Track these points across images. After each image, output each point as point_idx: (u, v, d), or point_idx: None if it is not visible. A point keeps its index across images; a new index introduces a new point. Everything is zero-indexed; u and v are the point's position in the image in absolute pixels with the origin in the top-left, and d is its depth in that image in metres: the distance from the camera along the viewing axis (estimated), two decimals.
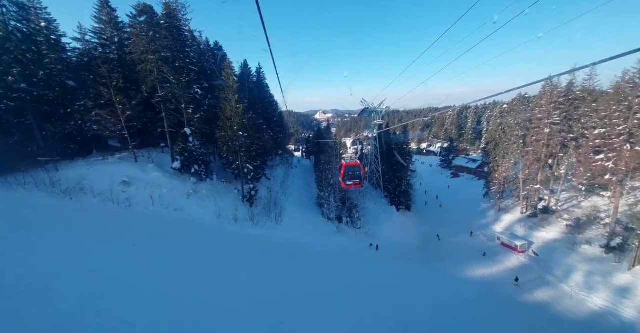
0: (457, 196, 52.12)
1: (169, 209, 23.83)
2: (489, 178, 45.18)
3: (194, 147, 27.24)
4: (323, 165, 41.15)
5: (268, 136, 39.40)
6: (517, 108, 44.91)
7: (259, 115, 37.67)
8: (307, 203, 35.39)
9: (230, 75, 25.78)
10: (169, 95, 27.68)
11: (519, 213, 39.21)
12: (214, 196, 27.41)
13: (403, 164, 45.37)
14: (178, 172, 27.86)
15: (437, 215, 43.45)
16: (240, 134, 26.80)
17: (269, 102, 44.23)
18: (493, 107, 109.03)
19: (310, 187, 42.18)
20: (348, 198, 36.20)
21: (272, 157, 46.03)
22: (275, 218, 28.19)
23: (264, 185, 34.55)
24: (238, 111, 26.41)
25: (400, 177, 45.13)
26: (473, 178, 64.96)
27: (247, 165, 28.35)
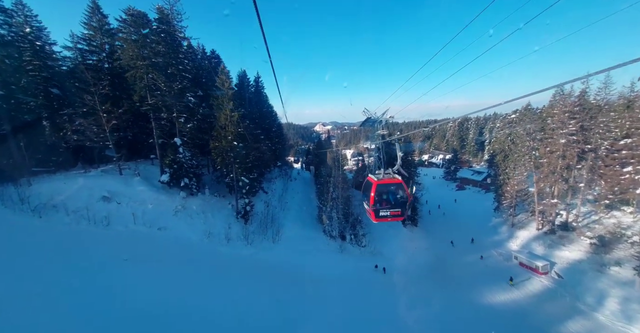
0: (466, 210, 49.44)
1: (153, 228, 21.29)
2: (499, 192, 42.73)
3: (184, 159, 25.03)
4: (324, 177, 38.89)
5: (266, 147, 37.35)
6: (527, 118, 43.13)
7: (256, 125, 35.79)
8: (307, 218, 32.79)
9: (225, 81, 23.99)
10: (159, 103, 25.80)
11: (535, 230, 36.51)
12: (205, 212, 24.92)
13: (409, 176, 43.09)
14: (166, 186, 25.50)
15: (446, 231, 40.64)
16: (234, 143, 24.69)
17: (267, 112, 42.53)
18: (494, 118, 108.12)
19: (310, 201, 39.66)
20: (351, 213, 33.67)
21: (271, 169, 43.80)
22: (272, 236, 25.56)
23: (261, 200, 32.10)
24: (233, 120, 24.42)
25: None
26: (480, 191, 62.43)
27: (242, 178, 26.04)
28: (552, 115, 33.70)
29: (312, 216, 34.16)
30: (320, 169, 44.79)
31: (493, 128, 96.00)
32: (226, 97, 24.06)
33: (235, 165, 25.31)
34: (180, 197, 25.23)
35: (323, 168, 40.90)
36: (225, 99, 24.08)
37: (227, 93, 24.04)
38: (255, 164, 32.15)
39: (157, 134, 26.80)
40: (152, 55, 25.37)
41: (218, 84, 24.36)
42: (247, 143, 26.77)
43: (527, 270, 29.44)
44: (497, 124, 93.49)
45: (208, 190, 28.03)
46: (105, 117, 23.82)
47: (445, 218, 46.52)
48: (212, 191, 28.77)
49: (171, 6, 29.60)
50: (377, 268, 26.27)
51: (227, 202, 27.90)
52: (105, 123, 23.88)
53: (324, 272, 23.43)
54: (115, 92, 28.16)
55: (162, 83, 25.82)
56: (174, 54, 26.48)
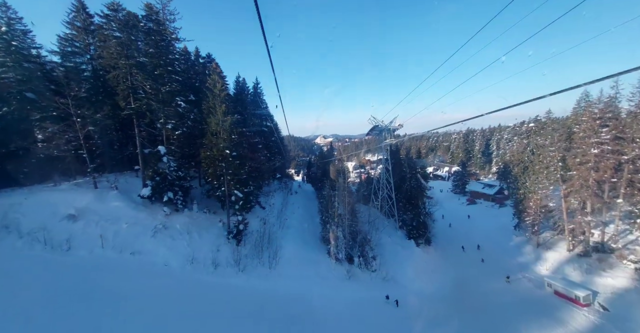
0: (482, 227, 45.39)
1: (124, 253, 17.73)
2: (519, 207, 38.97)
3: (168, 170, 21.80)
4: (327, 190, 35.45)
5: (264, 157, 34.20)
6: (550, 126, 40.03)
7: (254, 134, 32.83)
8: (309, 237, 29.04)
9: (217, 82, 21.17)
10: (143, 107, 22.93)
11: (566, 251, 32.46)
12: (190, 232, 21.38)
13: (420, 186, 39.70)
14: (147, 201, 22.15)
15: (463, 251, 36.60)
16: (227, 152, 21.51)
17: (266, 120, 39.75)
18: (500, 129, 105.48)
19: (312, 217, 35.96)
20: (359, 231, 29.94)
21: (269, 181, 40.46)
22: (268, 260, 21.82)
23: (257, 216, 28.53)
24: (225, 125, 21.38)
25: (416, 205, 39.12)
26: (493, 205, 58.49)
27: (235, 192, 22.66)
28: (579, 122, 30.58)
29: (315, 234, 30.40)
30: (323, 182, 41.44)
31: (500, 139, 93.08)
32: (218, 100, 21.15)
33: (227, 177, 22.02)
34: (163, 213, 21.80)
35: (326, 180, 37.52)
36: (217, 101, 21.16)
37: (219, 95, 21.16)
38: (251, 176, 28.85)
39: (140, 142, 23.79)
40: (137, 55, 22.77)
41: (209, 85, 21.52)
42: (241, 152, 23.64)
43: (565, 300, 25.30)
44: (505, 135, 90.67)
45: (196, 205, 24.60)
46: (80, 122, 20.86)
47: (460, 235, 42.43)
48: (201, 207, 25.33)
49: (163, 6, 27.46)
50: (389, 299, 22.26)
51: (217, 219, 24.38)
52: (79, 129, 20.88)
53: (328, 305, 19.52)
54: (97, 96, 25.47)
55: (148, 85, 23.07)
56: (162, 55, 23.90)
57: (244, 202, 23.22)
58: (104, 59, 23.07)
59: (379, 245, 29.46)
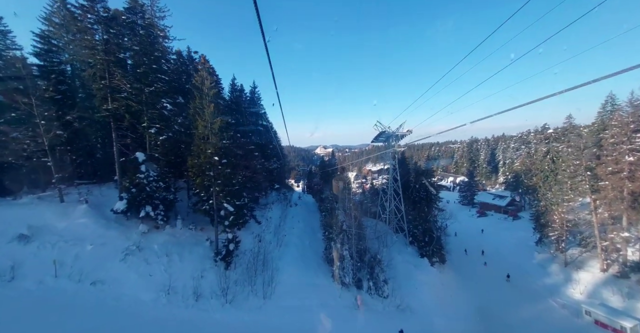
0: (498, 242, 41.76)
1: (84, 282, 14.37)
2: (541, 221, 35.57)
3: (147, 180, 18.71)
4: (330, 202, 32.27)
5: (261, 166, 31.19)
6: (572, 131, 37.08)
7: (250, 140, 29.95)
8: (311, 257, 25.54)
9: (205, 78, 18.42)
10: (121, 108, 20.11)
11: (599, 271, 28.87)
12: (171, 254, 18.04)
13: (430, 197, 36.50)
14: (123, 217, 18.95)
15: (482, 271, 32.92)
16: (215, 159, 18.49)
17: (264, 126, 37.01)
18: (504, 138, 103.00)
19: (314, 232, 32.51)
20: (367, 249, 26.50)
21: (266, 192, 37.27)
22: (262, 288, 18.34)
23: (252, 232, 25.20)
24: (214, 128, 18.47)
25: (426, 218, 35.78)
26: (506, 217, 54.96)
27: (225, 205, 19.46)
28: (607, 127, 27.77)
29: (317, 253, 26.90)
30: (325, 193, 38.30)
31: (507, 148, 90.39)
32: (206, 99, 18.32)
33: (216, 188, 18.89)
34: (139, 231, 18.53)
35: (329, 191, 34.35)
36: (205, 101, 18.33)
37: (208, 93, 18.34)
38: (246, 187, 25.76)
39: (117, 148, 20.84)
40: (116, 49, 20.19)
41: (196, 82, 18.76)
42: (233, 159, 20.64)
43: (609, 331, 21.66)
44: (511, 144, 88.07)
45: (181, 221, 21.34)
46: (44, 125, 17.96)
47: (476, 251, 38.76)
48: (187, 222, 22.07)
49: (152, 1, 25.28)
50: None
51: (205, 237, 21.05)
52: (43, 133, 17.96)
53: None
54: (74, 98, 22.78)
55: (129, 84, 20.34)
56: (147, 51, 21.32)
57: (235, 217, 19.98)
58: (80, 54, 20.49)
59: (390, 266, 25.93)
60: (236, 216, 20.12)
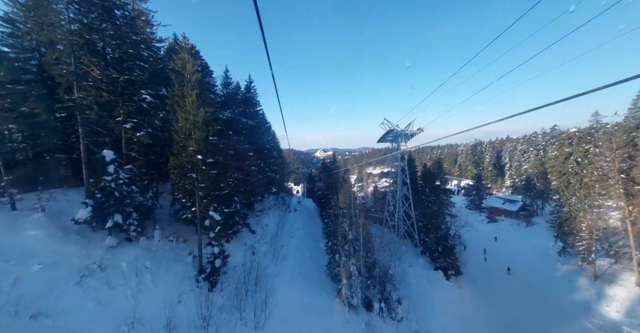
0: (514, 251, 38.48)
1: (22, 316, 11.11)
2: (564, 228, 32.42)
3: (115, 183, 15.56)
4: (333, 207, 29.14)
5: (257, 167, 28.05)
6: (598, 130, 33.97)
7: (245, 139, 26.86)
8: (313, 272, 22.30)
9: (187, 61, 15.40)
10: (88, 99, 17.05)
11: (634, 286, 25.67)
12: (142, 273, 14.81)
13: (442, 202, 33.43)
14: (88, 227, 15.75)
15: (501, 283, 29.63)
16: (198, 158, 15.39)
17: (260, 123, 33.94)
18: (511, 140, 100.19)
19: (316, 241, 29.30)
20: (377, 262, 23.29)
21: (263, 197, 34.10)
22: (254, 314, 15.06)
23: (244, 243, 22.01)
24: (197, 121, 15.39)
25: (437, 225, 32.69)
26: (518, 223, 51.72)
27: (211, 213, 16.30)
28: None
29: (319, 266, 23.65)
30: (327, 197, 35.10)
31: (513, 151, 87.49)
32: (187, 86, 15.27)
33: (200, 192, 15.74)
34: (105, 245, 15.31)
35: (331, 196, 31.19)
36: (187, 88, 15.28)
37: (190, 79, 15.29)
38: (238, 191, 22.63)
39: (85, 146, 17.72)
40: (84, 29, 17.20)
41: (176, 66, 15.74)
42: (221, 158, 17.55)
43: None
44: (519, 146, 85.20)
45: (160, 231, 18.12)
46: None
47: (492, 262, 35.49)
48: (167, 233, 18.86)
49: None
50: None
51: (188, 250, 17.84)
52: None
53: None
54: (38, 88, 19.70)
55: (98, 71, 17.32)
56: (123, 34, 18.36)
57: (222, 226, 16.80)
58: (40, 35, 17.49)
59: (404, 283, 22.69)
60: (224, 226, 16.94)
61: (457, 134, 8.83)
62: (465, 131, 7.87)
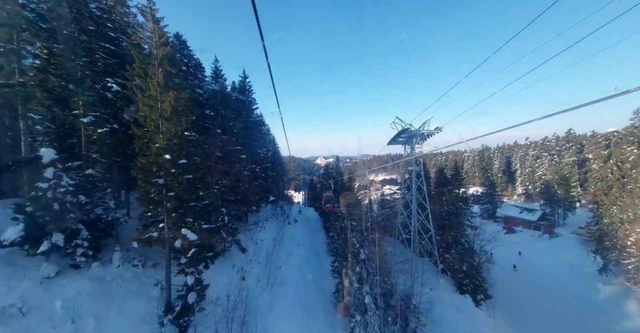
0: (542, 267, 34.10)
1: None
2: (605, 243, 28.21)
3: (55, 192, 11.71)
4: (339, 219, 25.22)
5: (250, 172, 24.19)
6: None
7: (237, 140, 23.12)
8: (316, 301, 18.09)
9: (153, 31, 11.80)
10: (31, 85, 13.44)
11: None
12: (83, 316, 10.76)
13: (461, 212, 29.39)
14: (20, 251, 11.83)
15: (539, 309, 25.21)
16: (166, 158, 11.58)
17: (255, 124, 30.30)
18: (521, 146, 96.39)
19: (319, 259, 25.16)
20: (394, 288, 19.08)
21: (258, 207, 30.16)
22: None
23: (232, 265, 17.96)
24: (164, 109, 11.67)
25: (456, 239, 28.63)
26: (540, 235, 47.26)
27: (184, 231, 12.34)
28: None
29: (325, 293, 19.44)
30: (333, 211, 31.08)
31: (525, 156, 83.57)
32: (153, 63, 11.61)
33: (167, 203, 11.85)
34: (39, 276, 11.35)
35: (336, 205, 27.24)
36: (152, 67, 11.63)
37: (156, 55, 11.65)
38: (227, 200, 18.77)
39: (27, 145, 14.00)
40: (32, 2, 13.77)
41: (136, 39, 12.12)
42: (198, 159, 13.75)
43: None
44: (531, 151, 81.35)
45: (120, 254, 14.13)
46: None
47: (520, 279, 31.07)
48: (132, 255, 14.87)
49: None
50: None
51: (156, 279, 13.79)
52: None
53: None
54: None
55: (46, 50, 13.79)
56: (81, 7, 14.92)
57: (199, 249, 12.83)
58: None
59: (429, 313, 18.42)
60: (201, 247, 12.96)
61: (483, 136, 5.79)
62: (493, 133, 5.42)
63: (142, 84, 11.58)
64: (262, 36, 3.23)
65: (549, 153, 70.61)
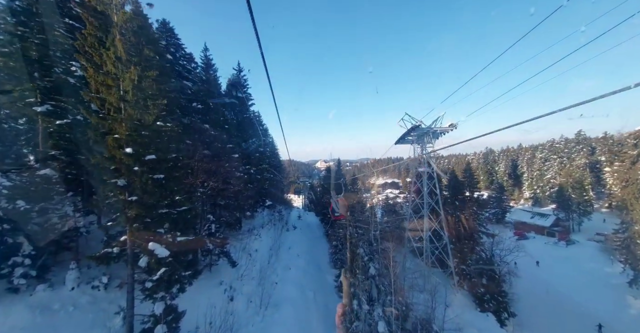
0: (563, 278, 31.30)
1: None
2: (636, 252, 25.50)
3: None
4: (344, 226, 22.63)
5: (245, 174, 21.57)
6: None
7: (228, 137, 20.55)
8: (320, 325, 15.31)
9: None
10: None
11: None
12: None
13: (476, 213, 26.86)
14: None
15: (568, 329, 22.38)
16: (127, 152, 8.98)
17: (250, 121, 27.73)
18: (526, 149, 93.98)
19: (321, 272, 22.40)
20: (409, 308, 16.32)
21: (254, 212, 27.48)
22: None
23: (219, 283, 15.26)
24: (125, 89, 9.10)
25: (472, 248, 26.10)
26: (556, 242, 44.43)
27: (151, 246, 9.66)
28: None
29: (329, 314, 16.68)
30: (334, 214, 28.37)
31: (532, 159, 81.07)
32: (113, 31, 9.09)
33: (128, 211, 9.21)
34: None
35: None
36: (110, 35, 9.09)
37: (117, 21, 9.13)
38: (214, 205, 16.19)
39: None
40: None
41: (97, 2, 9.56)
42: (173, 156, 11.16)
43: None
44: (538, 154, 78.89)
45: (77, 273, 11.45)
46: None
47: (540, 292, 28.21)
48: (94, 273, 12.18)
49: None
50: None
51: (118, 304, 11.05)
52: None
53: None
54: None
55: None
56: None
57: (171, 267, 10.15)
58: None
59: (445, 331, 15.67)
60: (174, 266, 10.27)
61: (492, 132, 3.62)
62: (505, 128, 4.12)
63: (95, 56, 9.02)
64: (257, 36, 2.68)
65: (558, 155, 68.14)
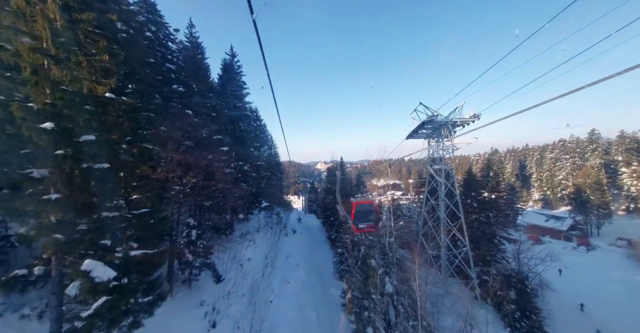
0: (591, 287, 28.24)
1: None
2: None
3: None
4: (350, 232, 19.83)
5: (237, 171, 18.66)
6: None
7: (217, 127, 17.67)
8: None
9: None
10: None
11: None
12: None
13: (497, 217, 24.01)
14: None
15: None
16: (45, 127, 6.06)
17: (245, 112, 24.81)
18: (535, 149, 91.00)
19: (325, 285, 19.36)
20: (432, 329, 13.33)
21: (249, 214, 24.55)
22: None
23: (198, 304, 12.29)
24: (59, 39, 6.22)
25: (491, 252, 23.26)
26: (575, 247, 41.29)
27: (87, 266, 6.69)
28: None
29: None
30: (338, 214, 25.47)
31: (542, 159, 78.06)
32: None
33: (47, 216, 6.26)
34: None
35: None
36: None
37: None
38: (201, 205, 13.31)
39: None
40: None
41: None
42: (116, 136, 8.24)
43: None
44: (548, 154, 75.89)
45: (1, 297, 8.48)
46: None
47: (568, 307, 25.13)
48: (28, 298, 9.21)
49: None
50: None
51: None
52: None
53: None
54: None
55: None
56: None
57: (118, 295, 7.17)
58: None
59: None
60: (120, 294, 7.31)
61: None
62: None
63: None
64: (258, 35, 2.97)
65: (570, 155, 65.13)
